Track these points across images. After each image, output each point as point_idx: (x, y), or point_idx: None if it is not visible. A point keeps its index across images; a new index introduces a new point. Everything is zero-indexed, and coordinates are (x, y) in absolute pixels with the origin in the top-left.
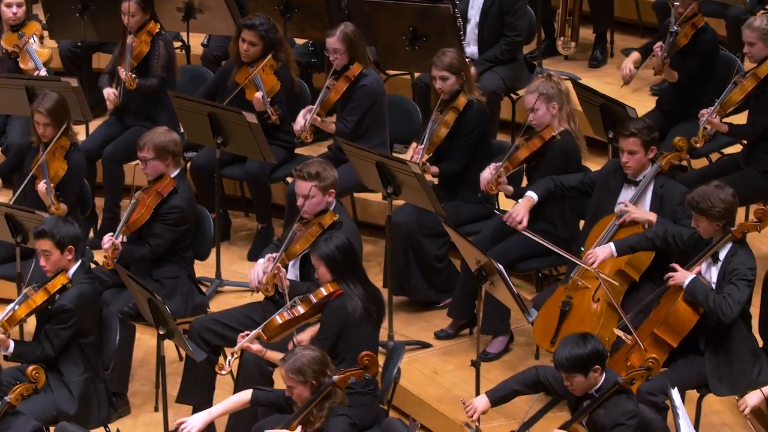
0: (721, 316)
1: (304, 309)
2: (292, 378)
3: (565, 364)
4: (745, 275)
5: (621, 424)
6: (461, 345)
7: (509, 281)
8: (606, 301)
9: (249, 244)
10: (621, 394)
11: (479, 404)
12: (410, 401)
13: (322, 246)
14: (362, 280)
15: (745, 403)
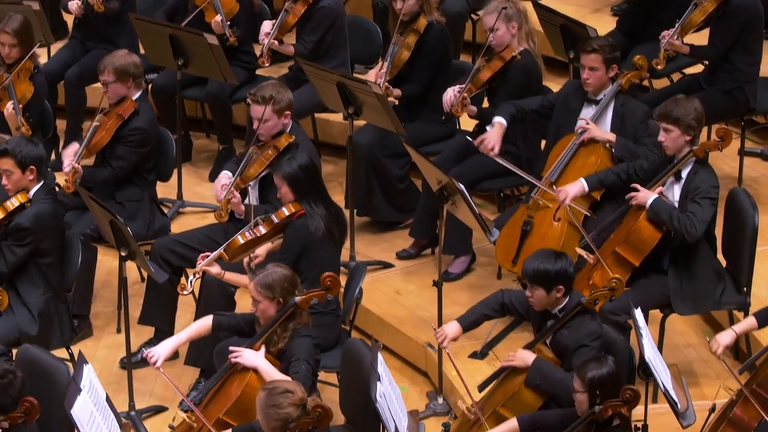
0: (686, 236)
1: (266, 229)
2: (260, 293)
3: (531, 275)
4: (708, 193)
5: (585, 346)
6: (423, 265)
7: (471, 201)
8: (567, 221)
9: (210, 165)
10: (585, 314)
11: (450, 331)
12: (372, 322)
13: (285, 165)
14: (324, 200)
15: (717, 343)
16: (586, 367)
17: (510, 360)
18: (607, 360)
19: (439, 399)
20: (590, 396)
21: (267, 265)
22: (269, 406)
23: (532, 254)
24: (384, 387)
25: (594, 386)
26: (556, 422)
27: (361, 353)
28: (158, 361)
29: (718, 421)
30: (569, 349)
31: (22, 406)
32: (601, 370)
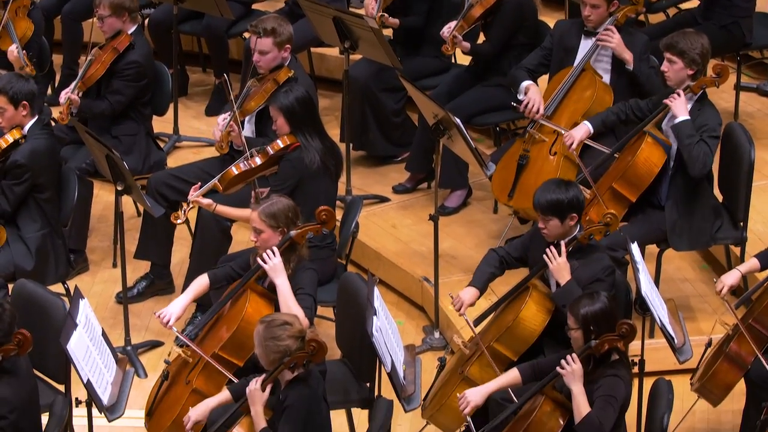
0: (695, 169)
1: (261, 160)
2: (264, 222)
3: (544, 206)
4: (714, 130)
5: (600, 280)
6: (419, 199)
7: (467, 135)
8: (563, 154)
9: (206, 100)
10: (596, 251)
11: (466, 297)
12: (368, 256)
13: (281, 97)
14: (320, 134)
15: (722, 283)
16: (578, 304)
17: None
18: (599, 296)
19: (436, 333)
20: (584, 332)
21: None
22: (268, 338)
23: (541, 185)
24: (380, 321)
25: (587, 322)
26: (555, 365)
27: (357, 287)
28: (171, 320)
29: (714, 356)
30: (582, 281)
31: (14, 339)
32: (593, 306)
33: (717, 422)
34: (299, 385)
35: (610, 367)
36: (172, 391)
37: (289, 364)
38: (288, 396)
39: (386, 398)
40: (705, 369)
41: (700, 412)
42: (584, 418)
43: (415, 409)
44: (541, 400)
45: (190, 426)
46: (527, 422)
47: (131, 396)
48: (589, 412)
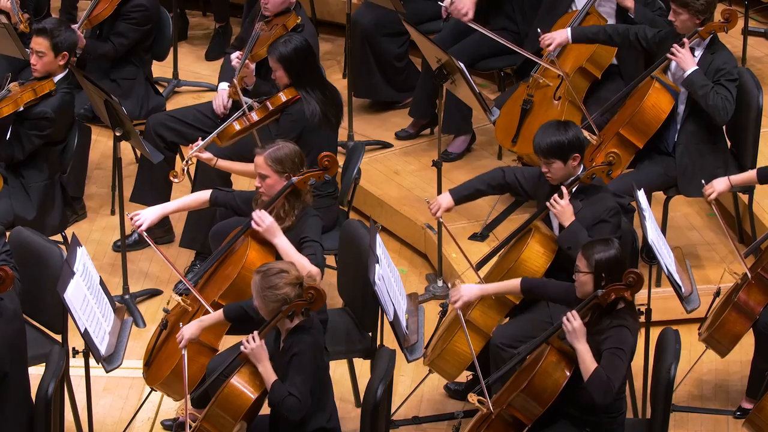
0: (716, 118)
1: (260, 116)
2: (270, 167)
3: (545, 149)
4: (731, 73)
5: (604, 221)
6: (422, 145)
7: (470, 80)
8: (568, 99)
9: (206, 44)
10: (600, 191)
11: (443, 201)
12: (371, 202)
13: (280, 48)
14: (320, 84)
15: (712, 188)
16: (593, 248)
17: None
18: (614, 242)
19: (439, 281)
20: (595, 278)
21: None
22: (265, 288)
23: (539, 129)
24: (383, 269)
25: (600, 268)
26: (558, 294)
27: (359, 235)
28: (143, 224)
29: (722, 306)
30: (586, 222)
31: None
32: (608, 252)
33: (725, 373)
34: (301, 334)
35: (617, 317)
36: (170, 341)
37: (287, 313)
38: (293, 344)
39: (388, 348)
40: (713, 319)
41: (707, 363)
42: (592, 375)
43: (417, 359)
44: (546, 350)
45: (184, 344)
46: (533, 372)
47: (129, 346)
48: (597, 368)
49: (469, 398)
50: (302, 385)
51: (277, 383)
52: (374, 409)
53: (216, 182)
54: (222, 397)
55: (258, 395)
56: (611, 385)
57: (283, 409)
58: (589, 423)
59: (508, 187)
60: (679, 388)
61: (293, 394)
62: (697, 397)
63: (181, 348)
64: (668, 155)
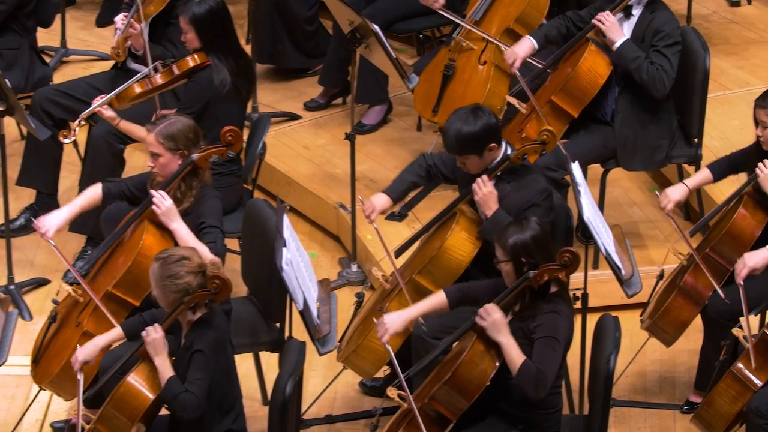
0: (654, 92)
1: (164, 80)
2: (162, 144)
3: (456, 146)
4: (671, 36)
5: (536, 205)
6: (334, 116)
7: (386, 44)
8: (494, 64)
9: (97, 9)
10: (530, 172)
11: (377, 202)
12: (278, 180)
13: (194, 7)
14: (234, 52)
15: (668, 198)
16: (506, 233)
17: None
18: (529, 222)
19: (353, 266)
20: (515, 264)
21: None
22: (165, 277)
23: (447, 121)
24: (291, 253)
25: (518, 253)
26: (487, 292)
27: (265, 216)
28: (48, 232)
29: (667, 290)
30: (515, 207)
31: None
32: (523, 234)
33: (670, 364)
34: (203, 328)
35: (549, 302)
36: (60, 335)
37: (189, 304)
38: (194, 340)
39: (298, 340)
40: (656, 304)
41: (651, 353)
42: (520, 369)
43: (330, 351)
44: (473, 339)
45: (78, 367)
46: (457, 363)
47: (15, 341)
48: (525, 361)
49: (388, 393)
50: (201, 382)
51: (173, 379)
52: (283, 407)
53: (107, 160)
54: (117, 396)
55: (157, 395)
56: (543, 377)
57: (177, 407)
58: (522, 419)
59: (432, 174)
60: (620, 381)
61: (190, 390)
62: (640, 390)
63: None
64: (606, 124)
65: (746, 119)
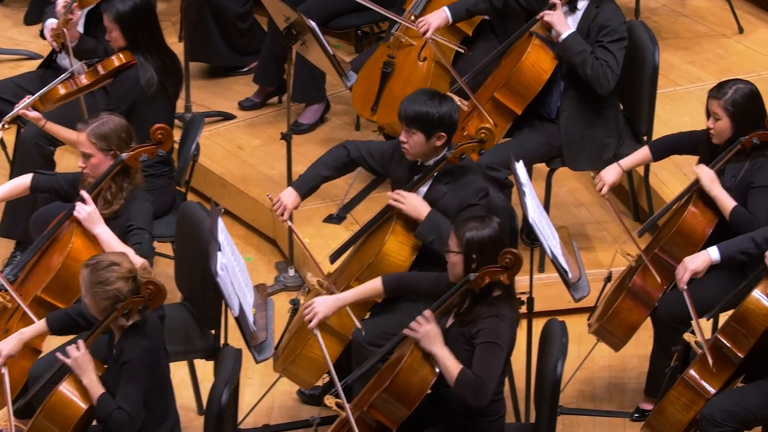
0: (597, 88)
1: (89, 80)
2: (94, 144)
3: (410, 116)
4: (617, 32)
5: (472, 205)
6: (269, 116)
7: (323, 41)
8: (434, 60)
9: (25, 6)
10: (467, 170)
11: (287, 200)
12: (212, 182)
13: (118, 5)
14: (160, 50)
15: (602, 180)
16: (465, 225)
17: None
18: (491, 221)
19: (290, 271)
20: (465, 259)
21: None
22: (95, 284)
23: (412, 94)
24: (226, 258)
25: (472, 248)
26: (427, 286)
27: (199, 219)
28: None
29: (615, 293)
30: (452, 209)
31: None
32: (482, 231)
33: (620, 369)
34: (135, 336)
35: (491, 305)
36: None
37: (122, 311)
38: (124, 349)
39: (234, 347)
40: (605, 308)
41: (599, 358)
42: (458, 378)
43: (267, 359)
44: (412, 345)
45: (2, 361)
46: (396, 370)
47: None
48: (462, 369)
49: (326, 401)
50: (133, 396)
51: (104, 397)
52: (219, 417)
53: (37, 162)
54: (49, 406)
55: (89, 405)
56: (483, 385)
57: (111, 425)
58: (464, 427)
59: (355, 165)
60: (567, 388)
61: (122, 407)
62: (588, 397)
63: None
64: (551, 122)
65: (697, 115)
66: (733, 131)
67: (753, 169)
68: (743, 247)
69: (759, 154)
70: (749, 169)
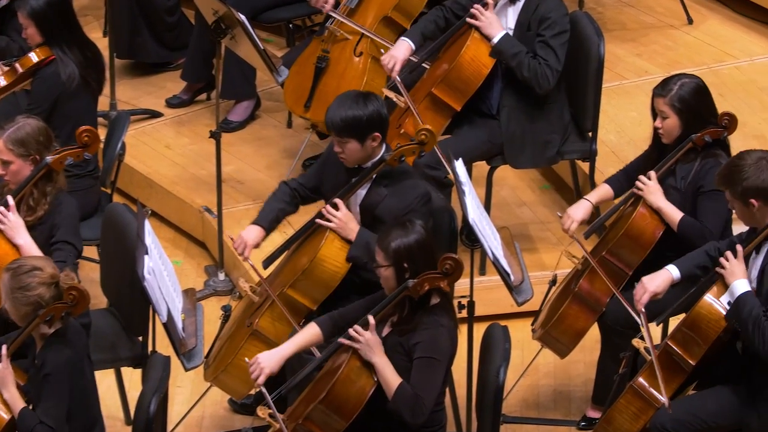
0: (537, 89)
1: (7, 80)
2: (12, 150)
3: (339, 125)
4: (558, 24)
5: (414, 210)
6: (198, 113)
7: (254, 35)
8: (371, 55)
9: None
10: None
11: (249, 237)
12: (138, 183)
13: (31, 2)
14: (79, 42)
15: (570, 218)
16: (388, 236)
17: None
18: (414, 225)
19: (221, 275)
20: (397, 270)
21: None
22: (16, 289)
23: (335, 100)
24: (153, 261)
25: (401, 257)
26: (362, 313)
27: (125, 221)
28: None
29: (560, 297)
30: (393, 213)
31: None
32: (407, 238)
33: (565, 377)
34: (57, 345)
35: (430, 314)
36: None
37: (45, 317)
38: (46, 360)
39: (162, 354)
40: (549, 312)
41: (544, 365)
42: (397, 392)
43: (197, 366)
44: (348, 354)
45: None
46: (333, 380)
47: None
48: (401, 383)
49: (259, 412)
50: (55, 410)
51: (25, 411)
52: (147, 427)
53: None
54: None
55: (12, 417)
56: (421, 403)
57: None
58: None
59: (299, 195)
60: (511, 396)
61: (44, 422)
62: (533, 405)
63: None
64: (491, 118)
65: (645, 110)
66: (683, 129)
67: (702, 172)
68: (700, 262)
69: (709, 154)
70: (699, 171)
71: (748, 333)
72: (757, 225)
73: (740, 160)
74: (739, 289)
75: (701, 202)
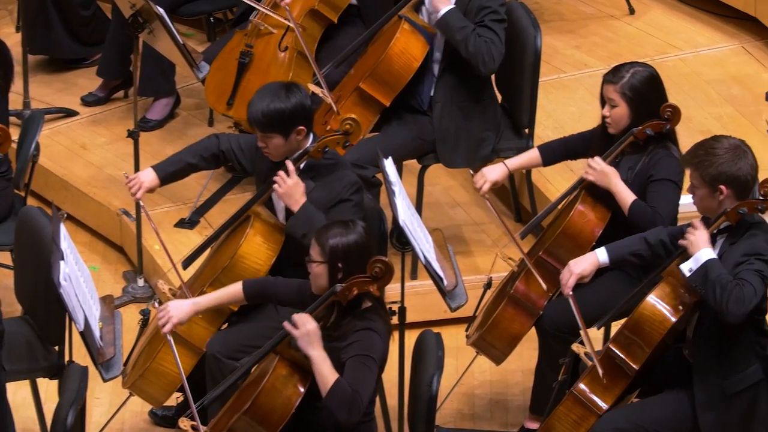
0: (480, 66)
1: None
2: None
3: (261, 120)
4: (497, 13)
5: (345, 200)
6: (115, 112)
7: (173, 29)
8: (296, 50)
9: None
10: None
11: (145, 179)
12: (53, 185)
13: None
14: None
15: (484, 178)
16: (327, 232)
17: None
18: (356, 226)
19: (139, 281)
20: (330, 268)
21: None
22: None
23: (256, 94)
24: (69, 267)
25: (336, 257)
26: (291, 294)
27: (39, 225)
28: None
29: (495, 300)
30: (321, 204)
31: None
32: (347, 237)
33: (502, 385)
34: None
35: (362, 318)
36: None
37: None
38: None
39: (79, 364)
40: (484, 317)
41: (479, 373)
42: (333, 388)
43: (116, 377)
44: (274, 362)
45: None
46: (258, 389)
47: None
48: (338, 379)
49: (180, 424)
50: None
51: None
52: None
53: None
54: None
55: None
56: (358, 399)
57: None
58: None
59: (224, 158)
60: (445, 406)
61: None
62: (468, 416)
63: None
64: (423, 114)
65: (584, 105)
66: (631, 119)
67: (653, 162)
68: (635, 248)
69: (659, 146)
70: (648, 162)
71: (714, 294)
72: (711, 215)
73: (716, 142)
74: (707, 255)
75: (652, 188)
